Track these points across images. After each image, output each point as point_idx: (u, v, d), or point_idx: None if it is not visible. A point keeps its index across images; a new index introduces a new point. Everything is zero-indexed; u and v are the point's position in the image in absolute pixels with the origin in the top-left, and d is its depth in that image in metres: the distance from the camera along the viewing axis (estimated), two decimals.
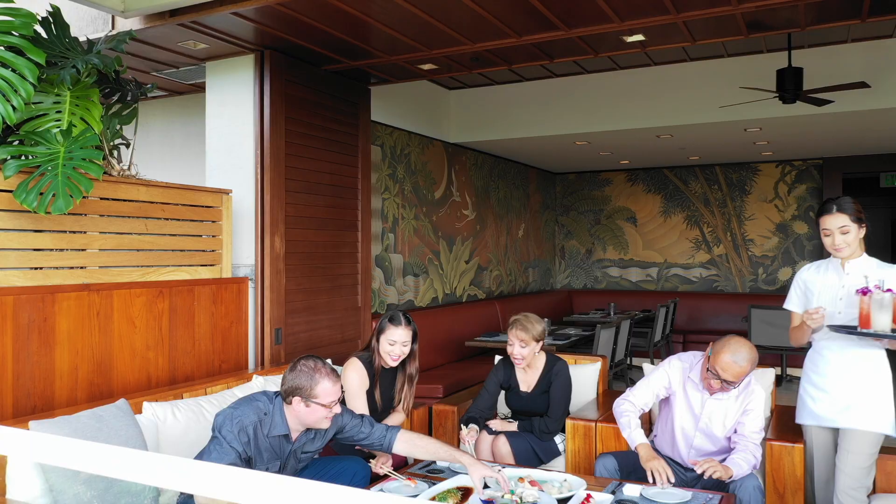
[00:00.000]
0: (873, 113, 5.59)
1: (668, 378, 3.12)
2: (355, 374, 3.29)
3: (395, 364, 3.31)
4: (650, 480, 2.76)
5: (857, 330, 2.68)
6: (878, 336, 2.64)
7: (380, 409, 3.35)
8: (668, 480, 2.74)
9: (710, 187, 8.96)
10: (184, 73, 4.89)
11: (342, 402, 2.72)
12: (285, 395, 2.53)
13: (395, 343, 3.26)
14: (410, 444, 2.75)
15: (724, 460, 2.94)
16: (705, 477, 2.83)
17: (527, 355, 3.45)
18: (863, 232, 2.84)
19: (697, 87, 6.00)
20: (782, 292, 8.43)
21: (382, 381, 3.37)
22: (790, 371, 7.49)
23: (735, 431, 3.01)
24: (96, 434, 2.32)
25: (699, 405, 3.04)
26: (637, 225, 9.42)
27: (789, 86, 4.73)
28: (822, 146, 7.48)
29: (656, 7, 3.63)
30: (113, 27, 3.96)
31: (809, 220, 8.42)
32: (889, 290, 2.64)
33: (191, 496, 2.38)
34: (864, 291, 2.65)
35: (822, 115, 5.62)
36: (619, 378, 6.96)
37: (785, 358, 7.38)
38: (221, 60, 4.42)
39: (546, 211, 9.64)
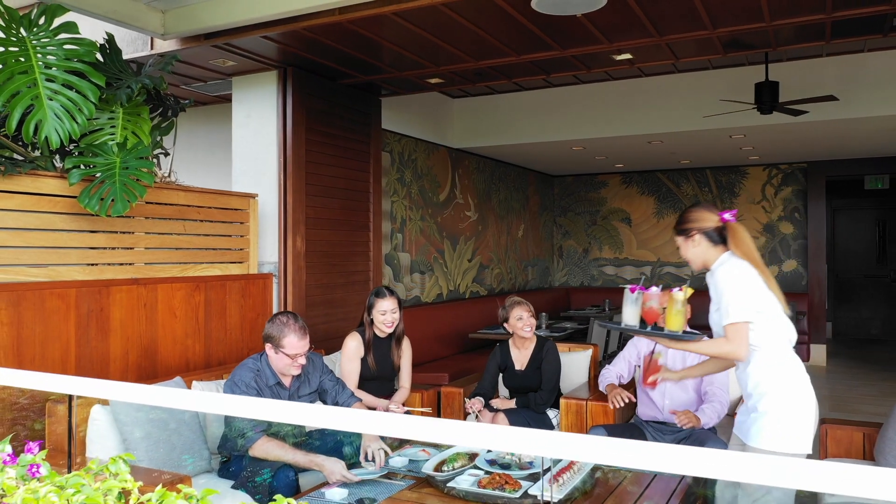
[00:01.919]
0: (845, 122, 6.03)
1: (636, 347, 3.79)
2: (353, 342, 3.83)
3: (389, 331, 3.82)
4: (611, 406, 3.52)
5: (619, 325, 2.66)
6: (623, 328, 2.62)
7: (375, 373, 3.84)
8: (623, 401, 3.47)
9: (700, 189, 9.38)
10: (211, 87, 5.31)
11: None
12: (263, 340, 3.08)
13: (386, 312, 3.78)
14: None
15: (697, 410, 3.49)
16: (679, 424, 3.35)
17: (535, 322, 4.04)
18: (694, 242, 2.58)
19: (684, 97, 6.42)
20: None
21: (376, 350, 3.86)
22: None
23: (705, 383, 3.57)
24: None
25: (666, 362, 3.61)
26: (631, 225, 9.84)
27: (766, 98, 5.16)
28: (805, 151, 7.91)
29: (641, 31, 4.06)
30: (152, 48, 4.38)
31: (795, 221, 8.85)
32: (636, 288, 2.58)
33: (239, 458, 2.81)
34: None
35: (798, 124, 6.06)
36: None
37: None
38: (247, 76, 4.85)
39: (545, 212, 10.06)
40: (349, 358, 3.82)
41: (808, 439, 2.45)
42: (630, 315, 2.58)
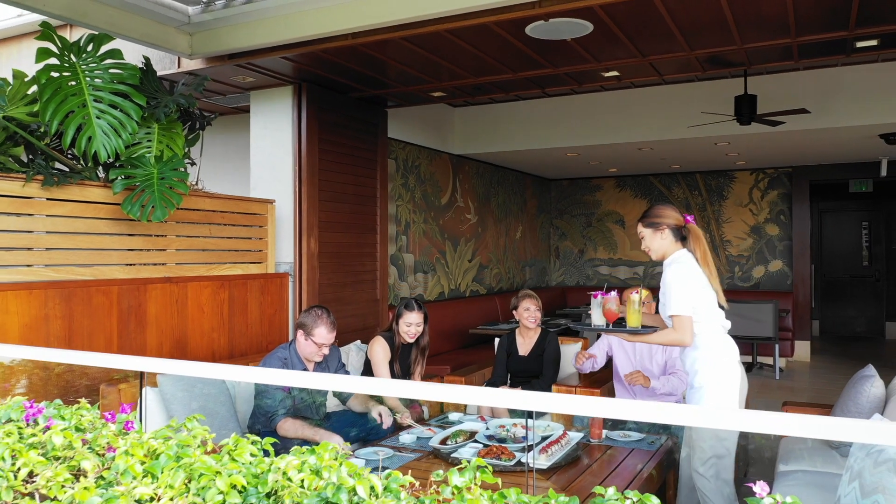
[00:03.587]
0: (822, 132, 6.44)
1: (607, 339, 4.20)
2: (380, 348, 4.13)
3: (411, 341, 4.15)
4: (575, 365, 4.00)
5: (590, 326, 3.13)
6: (592, 329, 3.10)
7: (399, 377, 4.17)
8: (584, 357, 3.94)
9: (691, 193, 9.79)
10: (229, 100, 5.72)
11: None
12: (295, 328, 3.49)
13: (411, 324, 4.11)
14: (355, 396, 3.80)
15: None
16: (627, 382, 3.88)
17: (539, 317, 4.47)
18: (661, 235, 3.00)
19: (672, 107, 6.82)
20: (756, 289, 9.28)
21: (402, 355, 4.20)
22: (760, 359, 8.33)
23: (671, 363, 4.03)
24: (202, 384, 3.16)
25: (630, 347, 4.08)
26: (625, 227, 10.25)
27: (745, 110, 5.56)
28: (789, 156, 8.31)
29: (625, 52, 4.46)
30: (179, 66, 4.78)
31: (781, 223, 9.25)
32: (599, 294, 3.03)
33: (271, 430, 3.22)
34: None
35: (778, 133, 6.46)
36: None
37: (755, 346, 8.21)
38: (264, 90, 5.25)
39: (542, 214, 10.47)
40: (379, 362, 4.07)
41: (734, 404, 2.99)
42: (597, 316, 3.10)
